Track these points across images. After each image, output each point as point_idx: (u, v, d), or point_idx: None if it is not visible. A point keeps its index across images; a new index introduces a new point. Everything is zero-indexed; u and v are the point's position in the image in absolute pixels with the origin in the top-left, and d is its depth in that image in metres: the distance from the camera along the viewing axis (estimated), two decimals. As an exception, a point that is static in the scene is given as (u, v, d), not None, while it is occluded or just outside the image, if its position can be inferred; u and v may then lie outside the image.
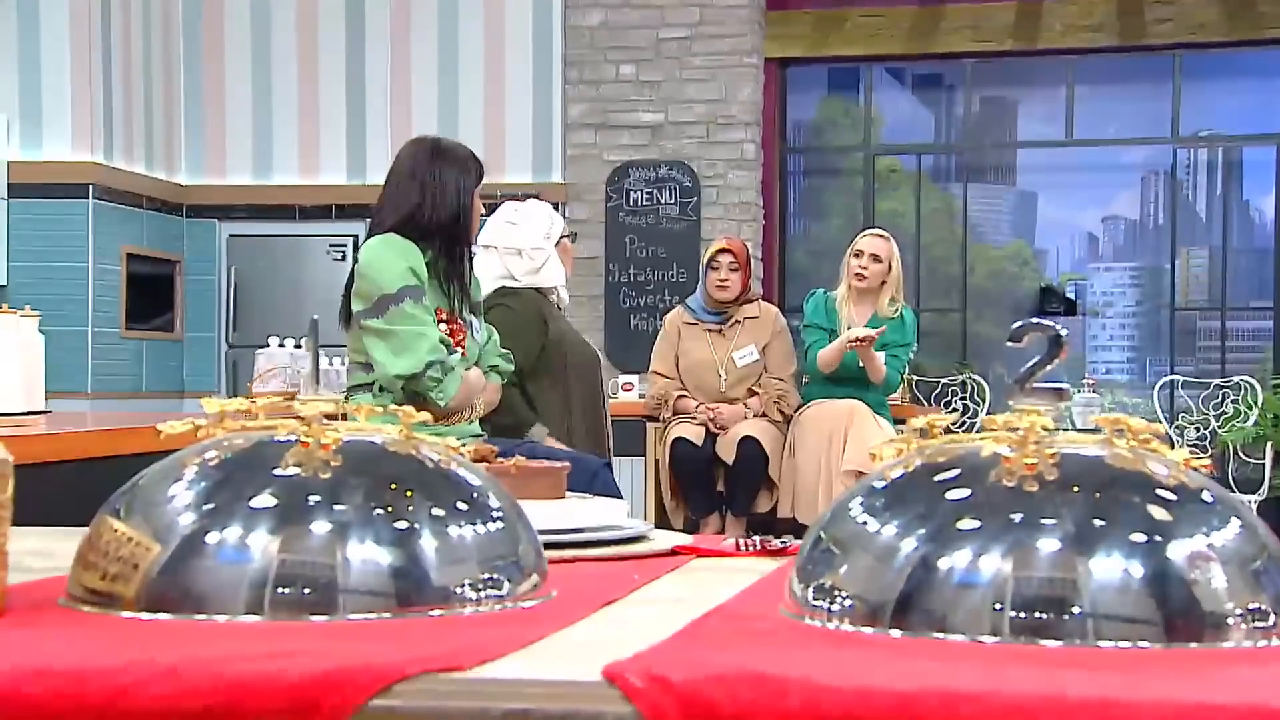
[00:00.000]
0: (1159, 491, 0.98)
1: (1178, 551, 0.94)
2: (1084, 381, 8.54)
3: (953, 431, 1.13)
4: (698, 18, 8.26)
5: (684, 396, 5.98)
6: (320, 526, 1.06)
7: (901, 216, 9.46)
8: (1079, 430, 1.09)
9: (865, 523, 1.03)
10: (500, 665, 0.91)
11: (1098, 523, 0.94)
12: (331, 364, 4.99)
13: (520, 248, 4.36)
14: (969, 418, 8.91)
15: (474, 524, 1.12)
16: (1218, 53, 8.90)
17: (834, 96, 9.84)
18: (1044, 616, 0.92)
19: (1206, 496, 1.00)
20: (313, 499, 1.08)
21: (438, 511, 1.10)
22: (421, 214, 3.70)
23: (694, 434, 5.88)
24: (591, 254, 8.32)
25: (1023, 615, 0.92)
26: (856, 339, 5.57)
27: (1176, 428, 8.58)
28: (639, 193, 8.32)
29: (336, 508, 1.07)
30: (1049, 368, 1.09)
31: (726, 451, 5.82)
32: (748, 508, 5.89)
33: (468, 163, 3.80)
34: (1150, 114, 9.15)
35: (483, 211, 3.88)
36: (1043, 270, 10.05)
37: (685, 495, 6.02)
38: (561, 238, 4.32)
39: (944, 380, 8.95)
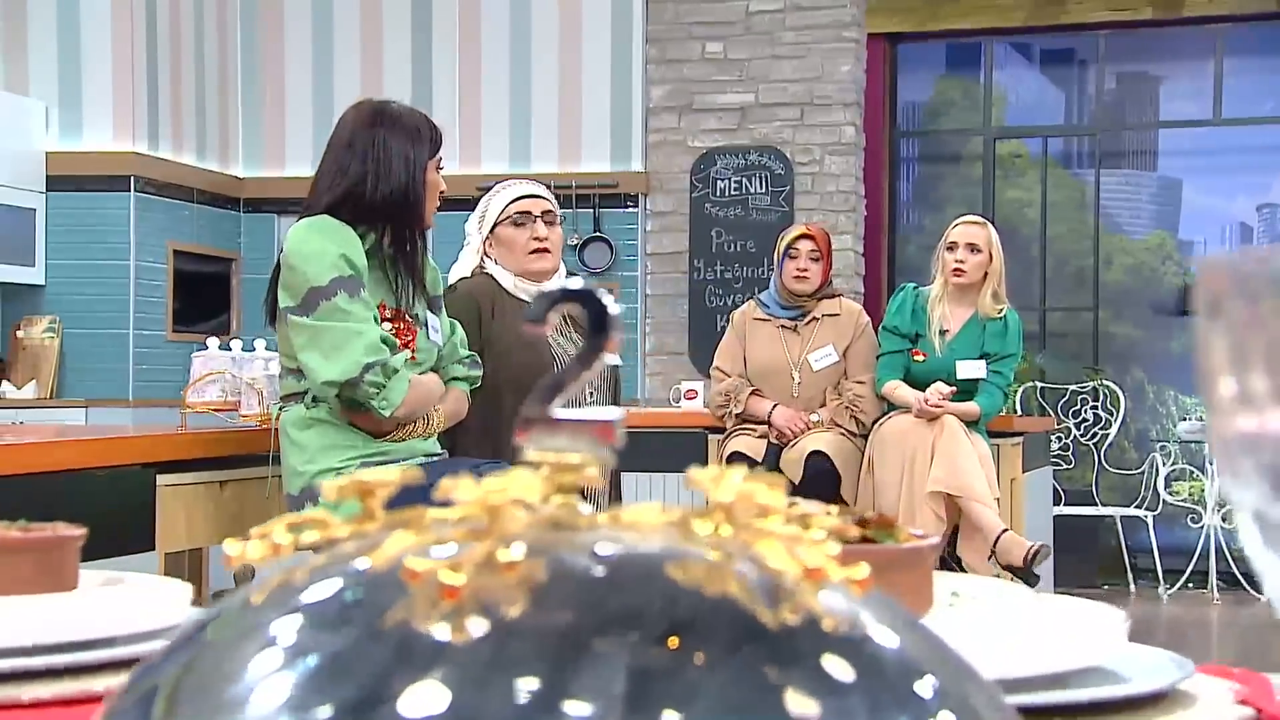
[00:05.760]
0: (769, 641, 0.44)
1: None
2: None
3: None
4: (791, -12, 7.60)
5: (757, 394, 5.26)
6: None
7: (1027, 206, 8.85)
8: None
9: (219, 666, 0.46)
10: None
11: (624, 710, 0.41)
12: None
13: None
14: (1101, 429, 8.12)
15: None
16: (1389, 16, 8.23)
17: (951, 75, 9.26)
18: None
19: (867, 652, 0.46)
20: None
21: None
22: (362, 190, 3.18)
23: (753, 448, 5.21)
24: (675, 249, 7.72)
25: None
26: (930, 403, 5.02)
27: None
28: (726, 181, 7.66)
29: None
30: (587, 375, 0.48)
31: (792, 468, 5.11)
32: (817, 534, 5.14)
33: (419, 129, 3.25)
34: (1311, 88, 8.50)
35: (443, 188, 3.26)
36: (1188, 265, 9.19)
37: (746, 519, 5.33)
38: (496, 225, 3.63)
39: (1073, 387, 8.25)
